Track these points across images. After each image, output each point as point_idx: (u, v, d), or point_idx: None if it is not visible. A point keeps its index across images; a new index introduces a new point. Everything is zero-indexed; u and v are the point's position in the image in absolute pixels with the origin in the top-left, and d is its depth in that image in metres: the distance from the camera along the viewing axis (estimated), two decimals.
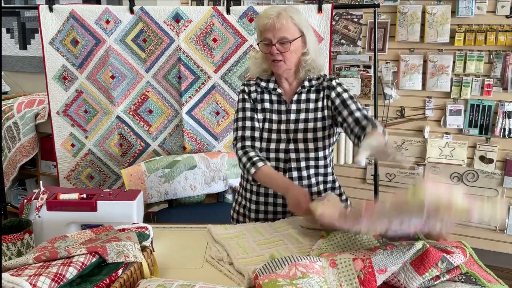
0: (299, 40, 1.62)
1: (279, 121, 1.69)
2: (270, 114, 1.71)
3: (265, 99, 1.72)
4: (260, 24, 1.61)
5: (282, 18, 1.57)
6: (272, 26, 1.57)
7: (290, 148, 1.67)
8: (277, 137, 1.68)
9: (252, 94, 1.73)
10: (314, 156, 1.68)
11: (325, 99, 1.69)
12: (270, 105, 1.72)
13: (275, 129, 1.69)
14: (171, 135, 2.73)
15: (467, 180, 2.93)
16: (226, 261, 1.35)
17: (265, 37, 1.61)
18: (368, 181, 3.14)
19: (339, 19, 3.03)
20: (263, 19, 1.59)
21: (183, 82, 2.62)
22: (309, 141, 1.67)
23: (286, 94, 1.72)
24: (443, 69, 2.83)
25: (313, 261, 1.17)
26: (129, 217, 1.45)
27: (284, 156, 1.68)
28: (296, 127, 1.68)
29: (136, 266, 1.16)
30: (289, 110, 1.69)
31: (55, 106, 2.72)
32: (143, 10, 2.56)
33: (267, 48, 1.61)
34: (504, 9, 2.68)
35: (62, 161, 2.80)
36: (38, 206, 1.43)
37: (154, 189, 2.40)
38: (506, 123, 2.77)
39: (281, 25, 1.57)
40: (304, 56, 1.64)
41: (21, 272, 1.01)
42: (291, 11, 1.61)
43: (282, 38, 1.58)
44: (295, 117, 1.69)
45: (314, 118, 1.68)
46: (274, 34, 1.58)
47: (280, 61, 1.61)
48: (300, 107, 1.69)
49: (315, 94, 1.70)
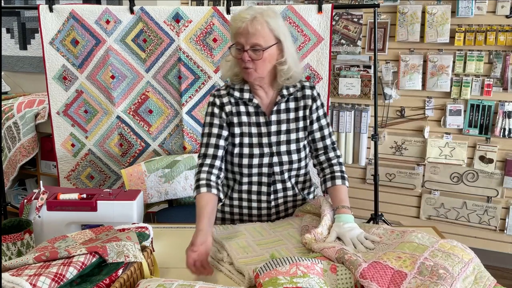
0: (274, 47, 1.49)
1: (259, 134, 1.59)
2: (249, 127, 1.59)
3: (242, 111, 1.59)
4: (233, 27, 1.49)
5: (256, 22, 1.44)
6: (245, 31, 1.44)
7: (274, 161, 1.60)
8: (260, 152, 1.58)
9: (226, 107, 1.58)
10: (297, 167, 1.64)
11: (306, 109, 1.61)
12: (247, 118, 1.59)
13: (256, 143, 1.59)
14: (171, 135, 2.73)
15: (467, 180, 2.93)
16: (226, 261, 1.35)
17: (237, 41, 1.48)
18: (368, 181, 3.14)
19: (339, 19, 3.03)
20: (237, 22, 1.47)
21: (183, 82, 2.62)
22: (293, 153, 1.61)
23: (264, 104, 1.59)
24: (443, 69, 2.83)
25: (315, 263, 1.17)
26: (129, 217, 1.46)
27: (268, 170, 1.60)
28: (279, 139, 1.59)
29: (136, 266, 1.16)
30: (269, 122, 1.58)
31: (55, 106, 2.73)
32: (143, 10, 2.56)
33: (239, 53, 1.49)
34: (504, 9, 2.68)
35: (62, 161, 2.80)
36: (38, 206, 1.43)
37: (154, 189, 2.40)
38: (506, 123, 2.77)
39: (255, 31, 1.44)
40: (281, 66, 1.52)
41: (21, 272, 1.01)
42: (268, 15, 1.47)
43: (255, 44, 1.45)
44: (277, 129, 1.59)
45: (296, 128, 1.61)
46: (247, 39, 1.45)
47: (250, 69, 1.49)
48: (281, 118, 1.59)
49: (294, 102, 1.61)
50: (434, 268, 1.11)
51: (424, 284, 1.07)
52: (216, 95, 1.61)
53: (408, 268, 1.12)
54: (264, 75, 1.53)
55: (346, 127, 3.07)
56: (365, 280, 1.09)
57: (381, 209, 2.73)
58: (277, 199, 1.66)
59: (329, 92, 2.51)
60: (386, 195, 3.11)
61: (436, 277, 1.08)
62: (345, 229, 1.39)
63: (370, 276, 1.09)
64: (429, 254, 1.17)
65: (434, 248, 1.21)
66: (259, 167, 1.60)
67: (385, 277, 1.10)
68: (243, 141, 1.59)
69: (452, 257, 1.17)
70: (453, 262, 1.15)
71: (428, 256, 1.16)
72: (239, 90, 1.59)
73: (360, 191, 3.19)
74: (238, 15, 1.48)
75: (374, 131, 2.61)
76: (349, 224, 1.41)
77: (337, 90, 3.06)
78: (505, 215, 2.88)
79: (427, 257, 1.16)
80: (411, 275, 1.10)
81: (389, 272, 1.11)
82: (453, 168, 2.95)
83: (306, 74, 2.51)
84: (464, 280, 1.12)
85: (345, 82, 3.04)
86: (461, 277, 1.11)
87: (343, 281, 1.15)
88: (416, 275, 1.10)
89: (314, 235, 1.39)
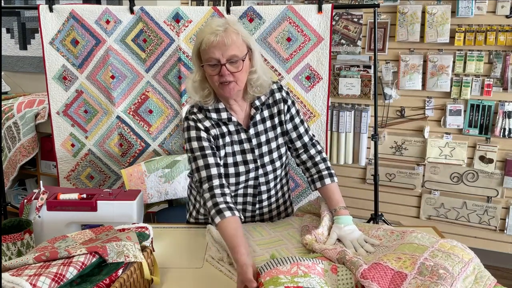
0: (247, 56, 1.43)
1: (242, 151, 1.54)
2: (232, 147, 1.53)
3: (224, 132, 1.51)
4: (204, 42, 1.37)
5: (230, 33, 1.37)
6: (221, 43, 1.35)
7: (259, 173, 1.57)
8: (246, 169, 1.54)
9: (211, 131, 1.49)
10: (280, 173, 1.64)
11: (281, 114, 1.56)
12: (229, 137, 1.53)
13: (241, 161, 1.54)
14: (171, 135, 2.73)
15: (467, 180, 2.93)
16: (226, 261, 1.35)
17: (209, 57, 1.37)
18: (368, 181, 3.14)
19: (339, 19, 3.03)
20: (208, 36, 1.36)
21: (183, 82, 2.62)
22: (276, 161, 1.59)
23: (240, 119, 1.54)
24: (443, 69, 2.83)
25: (316, 263, 1.17)
26: (129, 217, 1.46)
27: (254, 183, 1.59)
28: (260, 151, 1.55)
29: (136, 266, 1.16)
30: (249, 138, 1.54)
31: (55, 106, 2.73)
32: (143, 10, 2.56)
33: (214, 69, 1.39)
34: (504, 9, 2.68)
35: (62, 161, 2.80)
36: (38, 206, 1.43)
37: (154, 189, 2.40)
38: (506, 123, 2.77)
39: (231, 42, 1.36)
40: (251, 75, 1.45)
41: (21, 272, 1.01)
42: (234, 23, 1.41)
43: (233, 56, 1.37)
44: (257, 141, 1.55)
45: (275, 136, 1.57)
46: (223, 52, 1.36)
47: (231, 83, 1.39)
48: (258, 129, 1.55)
49: (267, 110, 1.56)
50: (434, 268, 1.11)
51: (424, 284, 1.07)
52: (195, 119, 1.50)
53: (408, 269, 1.12)
54: (243, 87, 1.46)
55: (346, 127, 3.07)
56: (366, 281, 1.09)
57: (381, 209, 2.73)
58: (262, 208, 1.66)
59: (329, 92, 2.51)
60: (386, 195, 3.11)
61: (436, 277, 1.08)
62: (346, 232, 1.39)
63: (371, 277, 1.09)
64: (429, 254, 1.17)
65: (434, 248, 1.21)
66: (245, 182, 1.58)
67: (385, 278, 1.10)
68: (227, 162, 1.53)
69: (452, 257, 1.17)
70: (453, 262, 1.15)
71: (428, 256, 1.17)
72: (215, 111, 1.50)
73: (360, 191, 3.19)
74: (208, 28, 1.39)
75: (374, 131, 2.61)
76: (349, 226, 1.41)
77: (337, 90, 3.06)
78: (505, 215, 2.87)
79: (427, 257, 1.16)
80: (411, 275, 1.10)
81: (389, 273, 1.11)
82: (453, 168, 2.95)
83: (306, 74, 2.51)
84: (464, 280, 1.12)
85: (345, 82, 3.04)
86: (461, 277, 1.11)
87: (344, 281, 1.15)
88: (416, 276, 1.10)
89: (314, 236, 1.39)
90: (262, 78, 1.48)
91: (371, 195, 2.71)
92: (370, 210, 2.77)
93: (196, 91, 1.48)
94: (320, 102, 2.52)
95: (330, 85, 2.52)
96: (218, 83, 1.41)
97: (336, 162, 3.12)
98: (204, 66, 1.42)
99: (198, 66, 1.46)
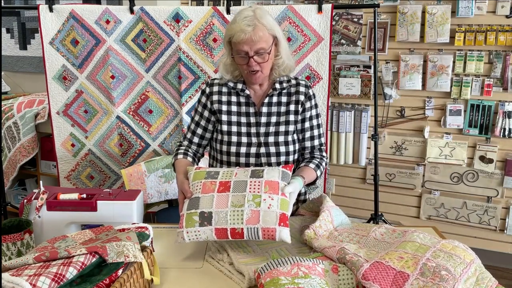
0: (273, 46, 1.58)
1: (248, 124, 1.65)
2: (238, 117, 1.66)
3: (233, 101, 1.67)
4: (235, 38, 1.53)
5: (258, 30, 1.51)
6: (249, 40, 1.51)
7: (261, 152, 1.64)
8: (248, 141, 1.64)
9: (213, 96, 1.67)
10: (284, 160, 1.66)
11: (298, 104, 1.66)
12: (237, 108, 1.66)
13: (245, 132, 1.65)
14: (171, 135, 2.73)
15: (467, 180, 2.93)
16: (226, 261, 1.35)
17: (239, 50, 1.54)
18: (368, 181, 3.14)
19: (339, 19, 3.03)
20: (238, 34, 1.52)
21: (183, 82, 2.62)
22: (281, 145, 1.64)
23: (255, 96, 1.67)
24: (443, 69, 2.83)
25: (316, 264, 1.17)
26: (129, 217, 1.45)
27: (255, 161, 1.65)
28: (267, 130, 1.64)
29: (136, 266, 1.16)
30: (259, 112, 1.65)
31: (55, 106, 2.73)
32: (143, 10, 2.56)
33: (244, 60, 1.56)
34: (504, 9, 2.68)
35: (62, 161, 2.80)
36: (38, 206, 1.43)
37: (154, 189, 2.40)
38: (506, 123, 2.77)
39: (259, 38, 1.51)
40: (276, 60, 1.62)
41: (21, 272, 1.01)
42: (261, 15, 1.53)
43: (260, 49, 1.53)
44: (266, 120, 1.65)
45: (286, 121, 1.65)
46: (251, 47, 1.52)
47: (258, 72, 1.57)
48: (272, 110, 1.65)
49: (286, 97, 1.67)
50: (436, 269, 1.11)
51: (426, 286, 1.06)
52: (208, 83, 1.71)
53: (410, 269, 1.12)
54: (268, 73, 1.62)
55: (346, 127, 3.07)
56: (367, 282, 1.08)
57: (381, 209, 2.73)
58: None
59: (329, 92, 2.51)
60: (386, 195, 3.11)
61: (438, 278, 1.08)
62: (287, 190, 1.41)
63: (372, 278, 1.09)
64: (431, 255, 1.17)
65: (436, 248, 1.21)
66: (247, 157, 1.64)
67: (387, 278, 1.09)
68: (231, 130, 1.65)
69: (454, 257, 1.17)
70: (455, 263, 1.15)
71: (430, 256, 1.16)
72: (234, 82, 1.67)
73: (360, 191, 3.19)
74: (237, 26, 1.52)
75: (374, 131, 2.61)
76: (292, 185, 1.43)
77: (337, 90, 3.06)
78: (505, 215, 2.88)
79: (429, 258, 1.16)
80: (413, 276, 1.10)
81: (391, 273, 1.11)
82: (453, 168, 2.95)
83: (306, 74, 2.51)
84: (465, 281, 1.11)
85: (345, 82, 3.04)
86: (463, 278, 1.11)
87: (345, 282, 1.15)
88: (418, 276, 1.10)
89: (313, 229, 1.39)
90: (286, 63, 1.63)
91: (371, 195, 2.71)
92: (370, 210, 2.77)
93: (227, 71, 1.66)
94: (320, 102, 2.52)
95: (330, 85, 2.52)
96: (247, 71, 1.58)
97: (336, 162, 3.12)
98: (234, 56, 1.58)
99: (228, 51, 1.62)
